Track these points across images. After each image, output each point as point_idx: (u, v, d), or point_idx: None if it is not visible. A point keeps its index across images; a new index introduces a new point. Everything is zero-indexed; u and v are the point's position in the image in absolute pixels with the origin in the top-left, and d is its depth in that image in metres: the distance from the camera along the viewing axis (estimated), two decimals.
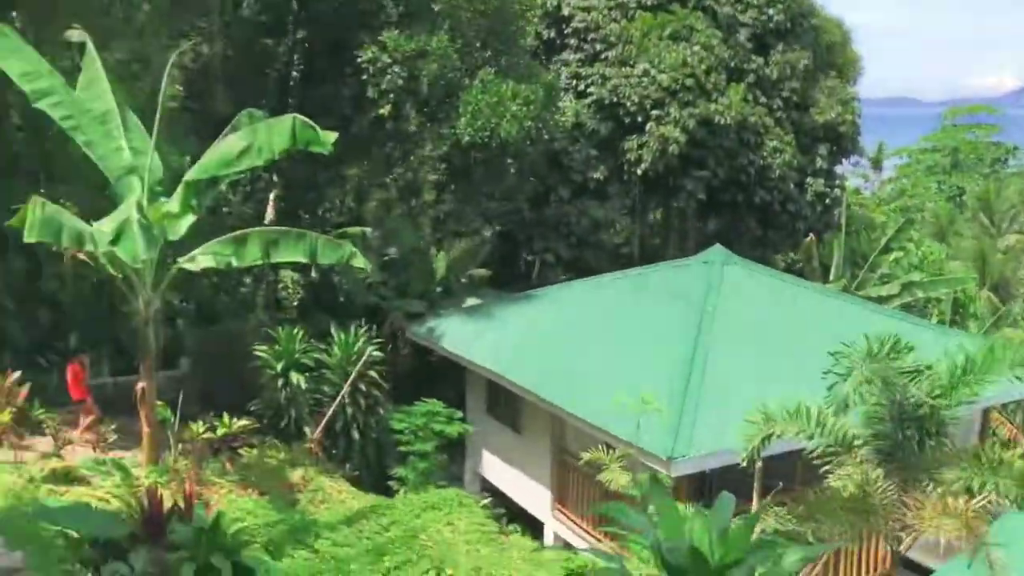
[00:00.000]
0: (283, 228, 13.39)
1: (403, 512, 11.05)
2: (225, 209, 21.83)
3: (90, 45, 12.83)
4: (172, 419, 13.54)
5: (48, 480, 11.25)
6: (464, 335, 17.64)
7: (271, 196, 23.09)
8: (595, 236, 24.12)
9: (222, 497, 11.36)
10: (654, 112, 23.00)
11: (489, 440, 18.08)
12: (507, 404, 16.89)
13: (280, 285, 25.76)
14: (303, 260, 13.21)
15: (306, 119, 11.19)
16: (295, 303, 25.87)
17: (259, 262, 13.06)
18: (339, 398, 14.97)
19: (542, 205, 24.08)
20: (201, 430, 14.30)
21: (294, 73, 22.44)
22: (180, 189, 11.49)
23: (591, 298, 17.63)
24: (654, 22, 23.71)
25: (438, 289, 21.29)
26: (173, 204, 11.48)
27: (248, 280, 24.40)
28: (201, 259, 12.92)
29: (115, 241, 10.22)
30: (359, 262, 13.42)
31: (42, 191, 12.41)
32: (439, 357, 19.55)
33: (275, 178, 22.44)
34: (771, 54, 24.57)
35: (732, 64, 23.74)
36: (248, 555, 7.87)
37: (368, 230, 19.85)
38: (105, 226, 10.63)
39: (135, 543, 8.21)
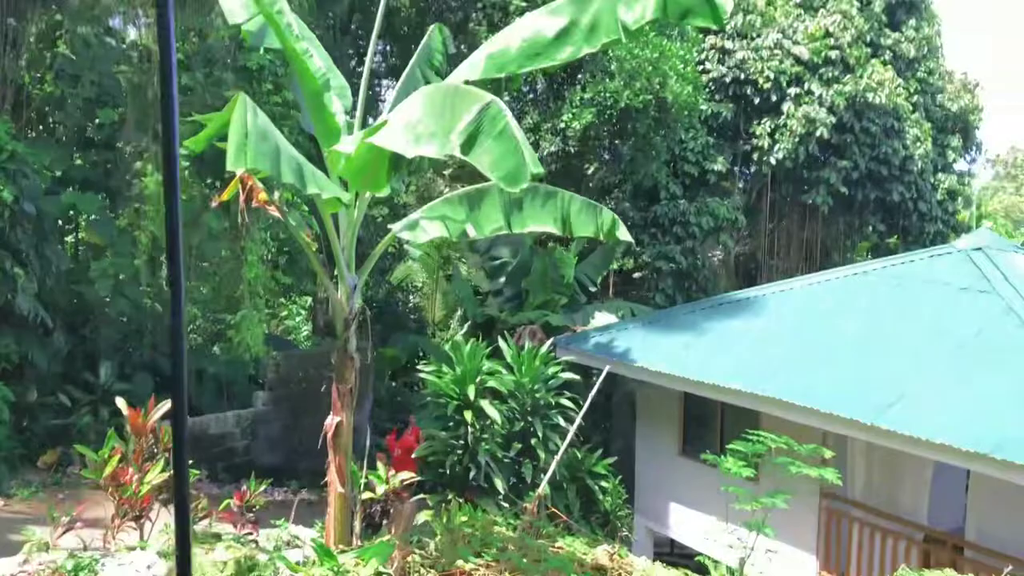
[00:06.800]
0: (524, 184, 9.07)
1: None
2: None
3: None
4: (360, 474, 8.89)
5: None
6: (655, 351, 13.39)
7: None
8: (713, 239, 20.31)
9: None
10: (791, 90, 19.51)
11: (680, 488, 13.86)
12: (732, 440, 12.70)
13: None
14: (553, 230, 8.95)
15: None
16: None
17: (501, 231, 8.74)
18: (569, 435, 10.38)
19: (651, 202, 20.17)
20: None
21: None
22: None
23: (831, 297, 13.39)
24: None
25: (562, 301, 17.02)
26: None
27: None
28: (427, 226, 8.45)
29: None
30: (623, 234, 9.30)
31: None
32: (589, 381, 15.29)
33: None
34: (903, 30, 21.50)
35: (868, 38, 20.53)
36: None
37: None
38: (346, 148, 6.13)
39: None
